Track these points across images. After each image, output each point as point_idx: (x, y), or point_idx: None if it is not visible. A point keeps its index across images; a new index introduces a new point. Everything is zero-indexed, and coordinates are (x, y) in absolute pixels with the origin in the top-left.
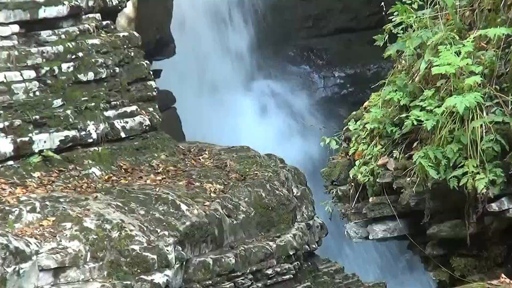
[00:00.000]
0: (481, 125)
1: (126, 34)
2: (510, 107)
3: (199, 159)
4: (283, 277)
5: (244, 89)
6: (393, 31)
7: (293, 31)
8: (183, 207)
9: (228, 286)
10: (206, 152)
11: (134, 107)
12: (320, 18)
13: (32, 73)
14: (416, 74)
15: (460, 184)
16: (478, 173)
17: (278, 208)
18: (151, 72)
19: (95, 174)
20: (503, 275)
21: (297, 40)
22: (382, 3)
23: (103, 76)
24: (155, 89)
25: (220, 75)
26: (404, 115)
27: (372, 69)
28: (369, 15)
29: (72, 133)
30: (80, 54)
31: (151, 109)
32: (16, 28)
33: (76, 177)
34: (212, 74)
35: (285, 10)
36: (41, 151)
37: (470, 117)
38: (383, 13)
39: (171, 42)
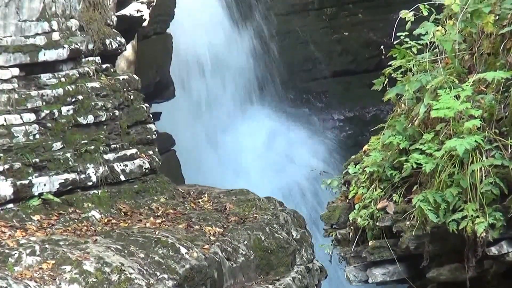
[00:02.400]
0: (481, 169)
1: (125, 77)
2: (509, 151)
3: (199, 202)
4: None
5: (243, 131)
6: (392, 74)
7: (292, 74)
8: (183, 250)
9: None
10: (206, 195)
11: (133, 150)
12: (319, 61)
13: (32, 116)
14: (415, 118)
15: (459, 228)
16: (477, 216)
17: (277, 251)
18: (151, 115)
19: (95, 217)
20: None
21: (297, 83)
22: (382, 47)
23: (103, 119)
24: (155, 132)
25: (220, 117)
26: (403, 158)
27: (371, 112)
28: (368, 58)
29: (71, 176)
30: (80, 97)
31: (150, 152)
32: (16, 71)
33: (76, 220)
34: (211, 116)
35: (284, 52)
36: (41, 194)
37: (470, 160)
38: (382, 56)
39: (171, 84)
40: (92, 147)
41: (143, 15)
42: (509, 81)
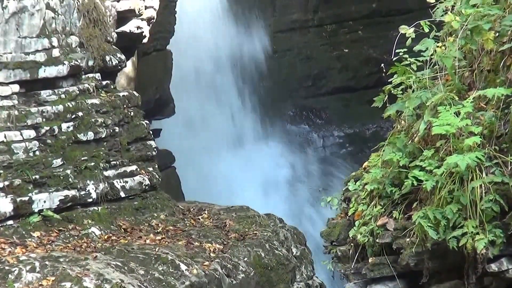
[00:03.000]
0: (481, 186)
1: (126, 93)
2: (509, 168)
3: (199, 218)
4: None
5: (243, 148)
6: (392, 91)
7: (292, 91)
8: (183, 266)
9: None
10: (206, 212)
11: (133, 167)
12: (319, 78)
13: (32, 133)
14: (415, 135)
15: (459, 245)
16: (477, 233)
17: (277, 268)
18: (151, 132)
19: (95, 234)
20: None
21: (296, 100)
22: (382, 64)
23: (103, 135)
24: (155, 149)
25: (219, 134)
26: (403, 175)
27: (371, 129)
28: (368, 74)
29: (71, 192)
30: (80, 113)
31: (150, 168)
32: (16, 87)
33: (76, 237)
34: (210, 133)
35: (284, 69)
36: (40, 210)
37: (470, 177)
38: (383, 73)
39: (171, 101)
40: (92, 163)
41: (143, 32)
42: (509, 98)
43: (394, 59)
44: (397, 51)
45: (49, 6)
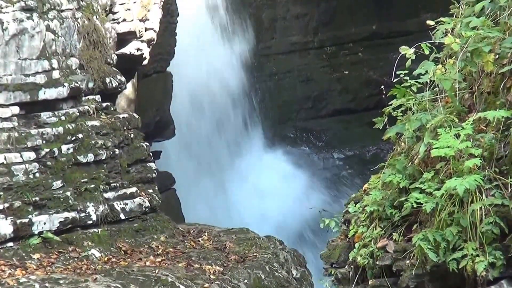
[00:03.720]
0: (481, 208)
1: (126, 115)
2: (509, 190)
3: (199, 240)
4: None
5: (243, 170)
6: (392, 113)
7: (292, 112)
8: None
9: None
10: (206, 234)
11: (133, 189)
12: (319, 100)
13: (32, 155)
14: (415, 157)
15: (459, 267)
16: (477, 255)
17: None
18: (151, 154)
19: (95, 256)
20: None
21: (297, 121)
22: (382, 86)
23: (103, 157)
24: (155, 171)
25: (219, 157)
26: (403, 197)
27: (371, 151)
28: (368, 96)
29: (71, 214)
30: (80, 135)
31: (150, 190)
32: (16, 109)
33: (76, 259)
34: (210, 155)
35: (284, 91)
36: (40, 232)
37: (470, 199)
38: (383, 95)
39: (171, 123)
40: (92, 185)
41: (143, 54)
42: (509, 120)
43: (394, 80)
44: (397, 73)
45: (49, 28)
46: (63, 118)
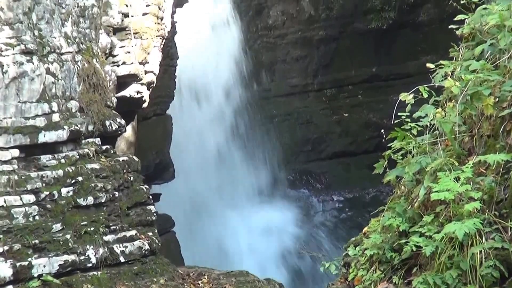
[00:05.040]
0: (481, 251)
1: (125, 158)
2: (509, 233)
3: (198, 283)
4: None
5: (242, 213)
6: (392, 156)
7: (292, 155)
8: None
9: None
10: (205, 277)
11: (133, 232)
12: (319, 142)
13: (31, 198)
14: (415, 200)
15: None
16: None
17: None
18: (150, 197)
19: None
20: None
21: (296, 164)
22: (382, 130)
23: (103, 200)
24: (155, 214)
25: (219, 199)
26: (403, 241)
27: (371, 193)
28: (368, 139)
29: (71, 257)
30: (80, 178)
31: (150, 233)
32: (16, 152)
33: None
34: (210, 197)
35: (284, 133)
36: (40, 275)
37: (470, 243)
38: (383, 139)
39: (171, 166)
40: (92, 228)
41: (143, 97)
42: (509, 163)
43: (394, 123)
44: (398, 114)
45: (49, 71)
46: (63, 161)
